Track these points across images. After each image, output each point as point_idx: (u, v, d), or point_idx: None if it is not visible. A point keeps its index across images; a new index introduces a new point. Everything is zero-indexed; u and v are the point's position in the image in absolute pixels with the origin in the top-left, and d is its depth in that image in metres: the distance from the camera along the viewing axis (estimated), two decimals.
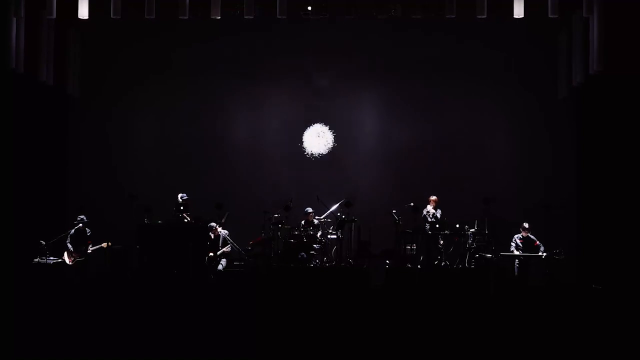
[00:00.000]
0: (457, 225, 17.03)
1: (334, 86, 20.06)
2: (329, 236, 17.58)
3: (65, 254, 16.58)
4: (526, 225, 17.26)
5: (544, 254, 16.78)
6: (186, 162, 19.72)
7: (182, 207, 17.15)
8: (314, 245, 17.03)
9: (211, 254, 16.82)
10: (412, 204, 17.11)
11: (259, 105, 20.10)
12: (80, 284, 16.04)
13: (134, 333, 11.21)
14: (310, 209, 17.65)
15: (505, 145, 19.74)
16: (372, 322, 12.00)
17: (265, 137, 20.13)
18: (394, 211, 17.22)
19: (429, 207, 17.53)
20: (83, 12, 16.77)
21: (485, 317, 12.55)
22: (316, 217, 17.67)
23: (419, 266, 16.68)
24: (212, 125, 20.05)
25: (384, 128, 20.01)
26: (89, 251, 16.62)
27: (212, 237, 17.06)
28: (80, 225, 16.74)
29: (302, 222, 17.54)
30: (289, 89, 20.10)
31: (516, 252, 17.05)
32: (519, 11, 16.47)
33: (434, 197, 17.63)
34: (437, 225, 17.11)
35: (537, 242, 17.04)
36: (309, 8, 17.69)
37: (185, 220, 17.03)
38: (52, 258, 16.28)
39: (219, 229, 17.14)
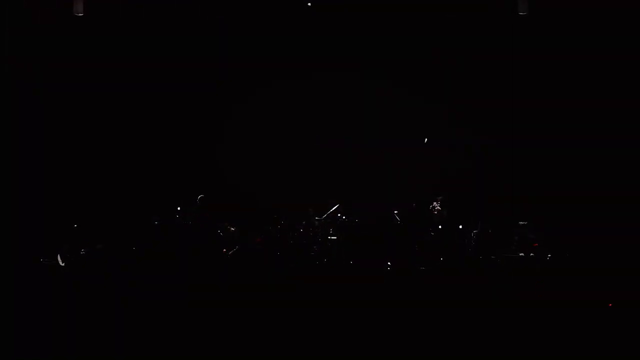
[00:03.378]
0: (460, 226, 16.92)
1: None
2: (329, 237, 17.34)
3: (59, 255, 16.29)
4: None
5: None
6: None
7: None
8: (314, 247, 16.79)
9: None
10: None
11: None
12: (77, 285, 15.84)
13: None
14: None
15: None
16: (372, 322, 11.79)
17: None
18: (395, 212, 17.10)
19: (435, 204, 17.34)
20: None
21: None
22: (316, 218, 17.46)
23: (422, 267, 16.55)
24: None
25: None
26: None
27: None
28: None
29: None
30: None
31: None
32: None
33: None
34: (440, 226, 17.00)
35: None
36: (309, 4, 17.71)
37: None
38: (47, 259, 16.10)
39: None
